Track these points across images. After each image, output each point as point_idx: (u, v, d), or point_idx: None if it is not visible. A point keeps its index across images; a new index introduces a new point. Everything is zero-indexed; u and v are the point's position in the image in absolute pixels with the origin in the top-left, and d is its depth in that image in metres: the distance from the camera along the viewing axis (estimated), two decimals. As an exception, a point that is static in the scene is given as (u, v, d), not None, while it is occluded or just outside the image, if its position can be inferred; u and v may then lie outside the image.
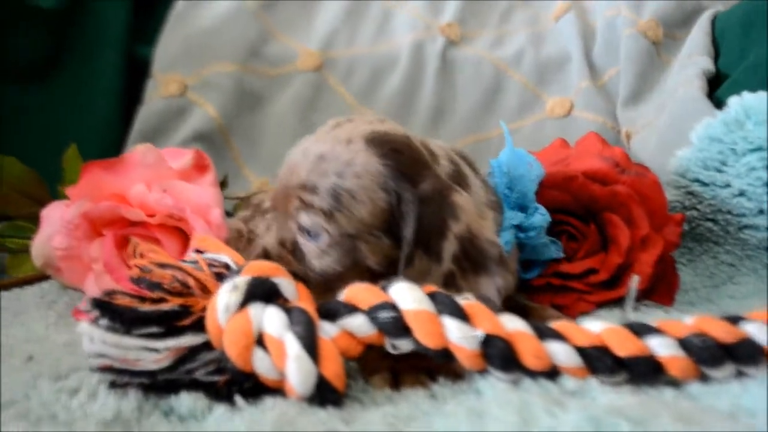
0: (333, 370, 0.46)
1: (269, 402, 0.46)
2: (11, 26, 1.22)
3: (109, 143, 1.19)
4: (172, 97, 1.23)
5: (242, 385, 0.47)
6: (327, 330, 0.48)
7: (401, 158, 0.59)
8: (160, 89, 1.24)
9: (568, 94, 1.28)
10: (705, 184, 0.80)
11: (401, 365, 0.52)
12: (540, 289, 0.72)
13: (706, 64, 1.06)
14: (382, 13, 1.39)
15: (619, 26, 1.27)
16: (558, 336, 0.49)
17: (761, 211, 0.79)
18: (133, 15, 1.29)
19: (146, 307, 0.46)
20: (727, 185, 0.80)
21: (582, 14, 1.38)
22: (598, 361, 0.48)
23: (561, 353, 0.48)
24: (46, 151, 0.93)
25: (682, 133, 0.91)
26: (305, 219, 0.60)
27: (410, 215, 0.57)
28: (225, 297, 0.46)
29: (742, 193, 0.80)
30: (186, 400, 0.46)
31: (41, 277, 0.80)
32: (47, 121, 1.21)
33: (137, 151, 0.70)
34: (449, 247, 0.57)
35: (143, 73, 1.25)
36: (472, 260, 0.57)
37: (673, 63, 1.20)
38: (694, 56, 1.10)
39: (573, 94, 1.27)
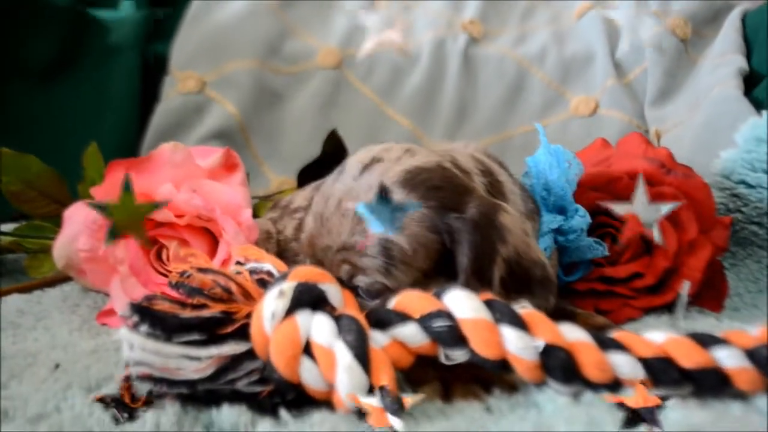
0: (385, 381, 0.43)
1: (317, 417, 0.43)
2: (25, 23, 1.20)
3: (127, 141, 1.17)
4: (190, 94, 1.20)
5: (285, 397, 0.45)
6: (378, 339, 0.45)
7: (441, 194, 0.55)
8: (177, 86, 1.21)
9: (593, 93, 1.25)
10: (751, 186, 0.77)
11: (451, 375, 0.49)
12: (584, 294, 0.69)
13: (741, 62, 1.03)
14: (403, 10, 1.37)
15: (646, 23, 1.23)
16: (620, 347, 0.47)
17: (810, 215, 0.76)
18: (150, 12, 1.26)
19: (187, 314, 0.44)
20: (775, 187, 0.77)
21: (605, 12, 1.35)
22: (663, 373, 0.46)
23: (624, 365, 0.46)
24: (62, 150, 0.91)
25: (719, 133, 0.88)
26: (363, 282, 0.56)
27: (464, 243, 0.53)
28: (272, 303, 0.44)
29: (790, 196, 0.76)
30: (228, 415, 0.43)
31: (62, 278, 0.77)
32: (63, 119, 1.19)
33: (164, 150, 0.67)
34: (498, 272, 0.54)
35: (160, 71, 1.23)
36: (516, 280, 0.54)
37: (701, 61, 1.17)
38: (727, 55, 1.07)
39: (598, 93, 1.24)
